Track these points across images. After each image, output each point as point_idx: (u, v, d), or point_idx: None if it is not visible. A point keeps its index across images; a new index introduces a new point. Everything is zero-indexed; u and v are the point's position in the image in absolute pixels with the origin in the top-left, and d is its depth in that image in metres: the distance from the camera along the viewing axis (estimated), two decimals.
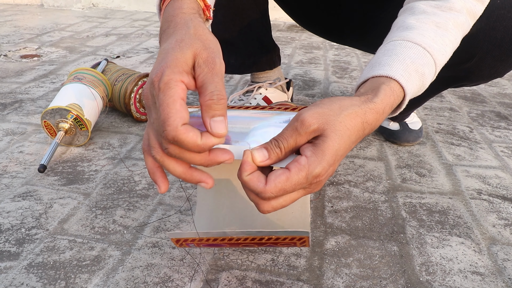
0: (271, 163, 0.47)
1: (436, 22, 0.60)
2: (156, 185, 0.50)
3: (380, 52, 0.60)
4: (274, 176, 0.45)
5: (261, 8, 1.10)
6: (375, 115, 0.50)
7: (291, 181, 0.44)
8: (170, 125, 0.42)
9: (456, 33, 0.62)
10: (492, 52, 0.80)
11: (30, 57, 1.77)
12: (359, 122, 0.49)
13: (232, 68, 1.15)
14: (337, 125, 0.46)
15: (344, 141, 0.47)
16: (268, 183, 0.45)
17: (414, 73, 0.56)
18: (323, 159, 0.45)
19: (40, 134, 1.10)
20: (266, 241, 0.56)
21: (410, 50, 0.57)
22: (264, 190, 0.44)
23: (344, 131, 0.47)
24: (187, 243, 0.59)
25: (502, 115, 1.39)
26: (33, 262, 0.67)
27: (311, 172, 0.44)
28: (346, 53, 2.08)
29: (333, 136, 0.46)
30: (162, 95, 0.43)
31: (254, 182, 0.45)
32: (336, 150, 0.46)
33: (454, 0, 0.62)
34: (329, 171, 0.46)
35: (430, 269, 0.71)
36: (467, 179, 0.98)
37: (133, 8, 2.99)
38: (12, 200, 0.82)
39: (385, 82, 0.54)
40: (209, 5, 0.58)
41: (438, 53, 0.59)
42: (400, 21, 0.64)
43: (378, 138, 1.17)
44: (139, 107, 1.15)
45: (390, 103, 0.53)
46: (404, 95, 0.55)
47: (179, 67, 0.44)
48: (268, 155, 0.46)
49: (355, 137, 0.48)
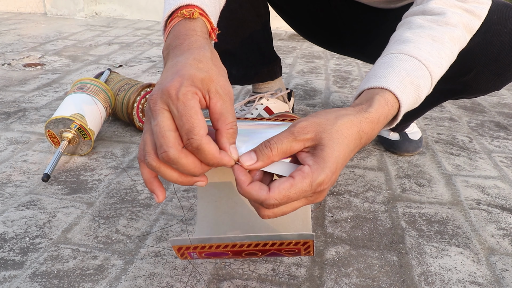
0: (262, 164, 0.47)
1: (432, 35, 0.62)
2: (154, 194, 0.51)
3: (377, 65, 0.61)
4: (278, 183, 0.46)
5: (263, 19, 1.11)
6: (370, 124, 0.51)
7: (295, 188, 0.45)
8: (197, 134, 0.44)
9: (452, 47, 0.63)
10: (489, 66, 0.81)
11: (34, 66, 1.79)
12: (356, 131, 0.50)
13: (234, 79, 1.16)
14: (333, 133, 0.48)
15: (342, 149, 0.48)
16: (271, 190, 0.46)
17: (409, 85, 0.57)
18: (326, 166, 0.46)
19: (44, 143, 1.11)
20: (270, 247, 0.56)
21: (405, 63, 0.58)
22: (268, 197, 0.45)
23: (341, 139, 0.48)
24: (189, 252, 0.59)
25: (501, 125, 1.40)
26: (37, 271, 0.68)
27: (315, 180, 0.45)
28: (347, 62, 2.09)
29: (331, 144, 0.47)
30: (182, 106, 0.44)
31: (256, 191, 0.46)
32: (336, 157, 0.47)
33: (450, 15, 0.63)
34: (332, 179, 0.47)
35: (429, 279, 0.71)
36: (466, 189, 0.99)
37: (135, 17, 3.02)
38: (16, 209, 0.83)
39: (379, 93, 0.55)
40: (215, 28, 0.60)
41: (434, 66, 0.60)
42: (397, 34, 0.65)
43: (378, 148, 1.18)
44: (141, 116, 1.16)
45: (385, 113, 0.54)
46: (399, 106, 0.56)
47: (195, 82, 0.46)
48: (256, 158, 0.47)
49: (353, 145, 0.50)
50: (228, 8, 0.81)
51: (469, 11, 0.65)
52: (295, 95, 1.59)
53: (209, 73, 0.47)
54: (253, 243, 0.55)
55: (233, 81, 1.16)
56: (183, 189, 0.92)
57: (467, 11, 0.65)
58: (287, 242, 0.55)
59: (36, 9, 3.05)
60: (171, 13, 0.57)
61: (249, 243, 0.55)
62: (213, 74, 0.48)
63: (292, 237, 0.53)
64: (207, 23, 0.58)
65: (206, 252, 0.59)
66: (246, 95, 1.55)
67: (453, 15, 0.64)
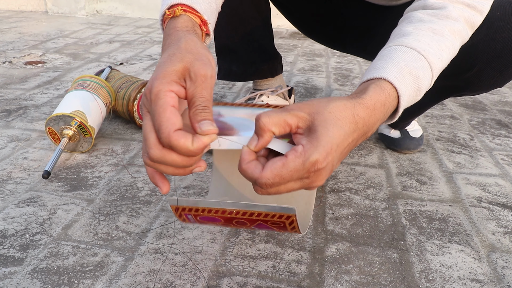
0: (263, 143, 0.48)
1: (432, 28, 0.61)
2: (158, 187, 0.52)
3: (376, 58, 0.61)
4: (271, 162, 0.46)
5: (264, 16, 1.11)
6: (365, 109, 0.51)
7: (288, 167, 0.45)
8: (163, 133, 0.45)
9: (453, 40, 0.63)
10: (491, 63, 0.80)
11: (35, 64, 1.79)
12: (349, 114, 0.49)
13: (235, 76, 1.16)
14: (326, 114, 0.48)
15: (337, 130, 0.48)
16: (264, 169, 0.46)
17: (408, 75, 0.56)
18: (319, 145, 0.46)
19: (44, 140, 1.11)
20: (256, 217, 0.57)
21: (404, 54, 0.58)
22: (260, 176, 0.46)
23: (334, 120, 0.48)
24: (185, 214, 0.60)
25: (502, 123, 1.40)
26: (37, 267, 0.68)
27: (308, 158, 0.45)
28: (348, 60, 2.09)
29: (323, 124, 0.47)
30: (154, 106, 0.47)
31: (251, 170, 0.47)
32: (330, 137, 0.47)
33: (451, 9, 0.63)
34: (328, 160, 0.47)
35: (430, 276, 0.71)
36: (467, 186, 0.99)
37: (136, 15, 3.01)
38: (17, 206, 0.83)
39: (374, 82, 0.55)
40: (205, 20, 0.60)
41: (434, 57, 0.59)
42: (397, 29, 0.65)
43: (379, 146, 1.17)
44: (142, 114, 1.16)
45: (381, 100, 0.53)
46: (398, 96, 0.55)
47: (168, 78, 0.48)
48: (257, 138, 0.48)
49: (348, 128, 0.49)
50: (229, 4, 0.81)
51: (471, 6, 0.64)
52: (296, 92, 1.59)
53: (183, 62, 0.49)
54: (240, 211, 0.57)
55: (234, 77, 1.16)
56: (183, 186, 0.92)
57: (469, 6, 0.64)
58: (271, 214, 0.56)
59: (37, 7, 3.05)
60: (162, 18, 0.60)
61: (237, 211, 0.57)
62: (186, 62, 0.49)
63: (274, 209, 0.54)
64: (194, 17, 0.59)
65: (200, 215, 0.60)
66: (247, 92, 1.55)
67: (454, 9, 0.63)
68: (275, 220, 0.58)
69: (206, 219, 0.61)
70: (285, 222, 0.58)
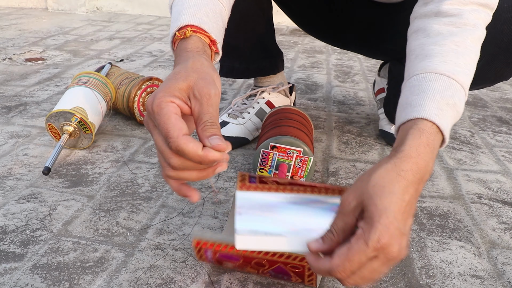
0: (328, 248, 0.49)
1: (454, 41, 0.59)
2: (189, 197, 0.53)
3: (406, 89, 0.59)
4: (337, 250, 0.47)
5: (266, 13, 1.11)
6: (408, 161, 0.49)
7: (352, 250, 0.45)
8: (171, 137, 0.46)
9: (475, 48, 0.61)
10: (498, 55, 0.79)
11: (35, 60, 1.79)
12: (394, 175, 0.48)
13: (236, 73, 1.16)
14: (370, 190, 0.47)
15: (387, 198, 0.46)
16: (333, 258, 0.47)
17: (445, 106, 0.55)
18: (375, 221, 0.45)
19: (45, 137, 1.11)
20: (278, 258, 0.58)
21: (436, 83, 0.56)
22: (331, 265, 0.46)
23: (380, 191, 0.47)
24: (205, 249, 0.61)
25: (503, 120, 1.40)
26: (38, 263, 0.68)
27: (369, 237, 0.45)
28: (349, 57, 2.09)
29: (371, 201, 0.47)
30: (157, 116, 0.47)
31: (318, 263, 0.48)
32: (382, 210, 0.46)
33: (467, 16, 0.60)
34: (391, 231, 0.45)
35: (430, 272, 0.71)
36: (467, 183, 0.99)
37: (136, 12, 3.01)
38: (17, 202, 0.83)
39: (413, 126, 0.53)
40: (214, 40, 0.60)
41: (463, 76, 0.58)
42: (416, 47, 0.62)
43: (379, 142, 1.17)
44: (142, 110, 1.16)
45: (423, 143, 0.52)
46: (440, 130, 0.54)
47: (170, 92, 0.49)
48: (322, 241, 0.50)
49: (398, 188, 0.47)
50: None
51: (484, 5, 0.62)
52: (297, 89, 1.59)
53: (187, 80, 0.50)
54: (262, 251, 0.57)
55: (235, 74, 1.16)
56: None
57: (482, 5, 0.62)
58: (294, 256, 0.57)
59: (38, 4, 3.05)
60: (172, 39, 0.60)
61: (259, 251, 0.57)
62: (191, 80, 0.50)
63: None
64: (204, 37, 0.59)
65: (220, 252, 0.60)
66: (248, 89, 1.55)
67: (470, 15, 0.61)
68: (296, 263, 0.58)
69: (225, 257, 0.61)
70: (305, 266, 0.58)
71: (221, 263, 0.64)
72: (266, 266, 0.61)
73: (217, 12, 0.64)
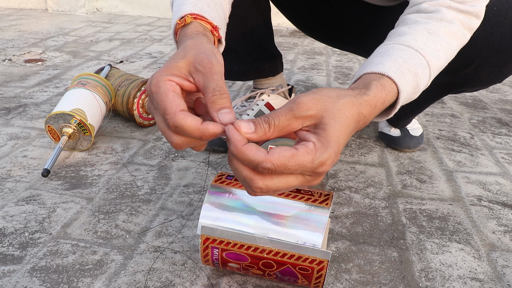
0: (256, 137, 0.45)
1: (427, 28, 0.61)
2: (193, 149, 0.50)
3: (373, 54, 0.60)
4: (279, 149, 0.43)
5: (264, 15, 1.11)
6: (368, 108, 0.50)
7: (296, 160, 0.42)
8: (169, 113, 0.44)
9: (449, 40, 0.62)
10: (490, 58, 0.80)
11: (34, 62, 1.79)
12: (356, 112, 0.48)
13: (236, 75, 1.16)
14: (335, 112, 0.46)
15: (344, 129, 0.46)
16: (270, 153, 0.42)
17: (407, 71, 0.56)
18: (329, 145, 0.44)
19: (44, 138, 1.11)
20: (287, 259, 0.58)
21: (402, 52, 0.58)
22: (265, 159, 0.42)
23: (343, 119, 0.46)
24: (212, 247, 0.61)
25: (503, 121, 1.39)
26: (36, 266, 0.68)
27: (318, 158, 0.43)
28: (348, 59, 2.09)
29: (333, 123, 0.45)
30: (155, 95, 0.46)
31: (253, 152, 0.42)
32: (338, 137, 0.45)
33: (444, 12, 0.63)
34: (334, 160, 0.45)
35: (430, 275, 0.71)
36: (467, 185, 0.99)
37: (136, 13, 3.01)
38: (16, 204, 0.83)
39: (375, 78, 0.54)
40: (215, 26, 0.59)
41: (431, 56, 0.59)
42: (393, 30, 0.65)
43: (379, 144, 1.17)
44: (142, 112, 1.16)
45: (382, 98, 0.53)
46: (398, 92, 0.55)
47: (167, 71, 0.47)
48: (254, 128, 0.44)
49: (352, 126, 0.48)
50: None
51: (464, 12, 0.64)
52: (296, 91, 1.58)
53: (186, 57, 0.48)
54: (273, 250, 0.58)
55: (235, 77, 1.16)
56: (183, 184, 0.92)
57: (462, 12, 0.64)
58: (304, 257, 0.57)
59: (37, 5, 3.05)
60: (174, 29, 0.60)
61: (270, 249, 0.58)
62: (190, 56, 0.48)
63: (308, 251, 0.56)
64: (205, 23, 0.58)
65: (228, 251, 0.60)
66: (247, 91, 1.54)
67: (448, 12, 0.63)
68: (305, 265, 0.58)
69: (232, 256, 0.61)
70: (314, 268, 0.58)
71: (225, 265, 0.64)
72: (274, 267, 0.60)
73: (218, 3, 0.64)
